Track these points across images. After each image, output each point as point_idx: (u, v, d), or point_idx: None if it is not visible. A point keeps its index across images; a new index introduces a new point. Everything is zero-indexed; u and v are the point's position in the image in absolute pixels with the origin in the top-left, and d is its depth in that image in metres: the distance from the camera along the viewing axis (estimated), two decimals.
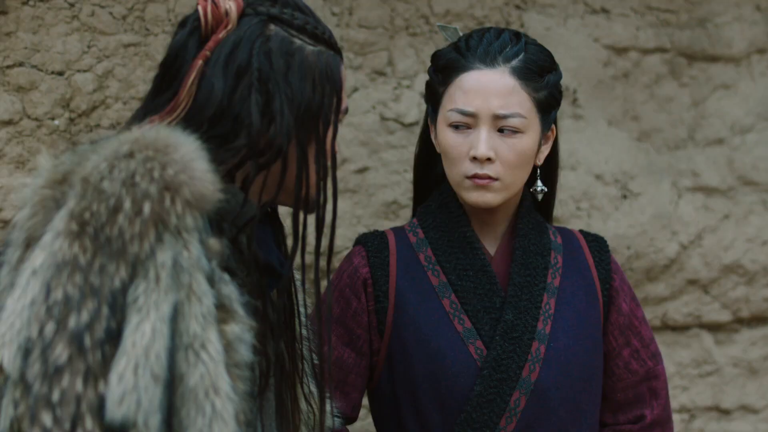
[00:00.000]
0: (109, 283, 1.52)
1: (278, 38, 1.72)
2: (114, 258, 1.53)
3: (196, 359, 1.53)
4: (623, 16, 3.08)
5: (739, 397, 3.27)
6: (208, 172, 1.58)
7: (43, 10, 2.56)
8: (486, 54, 2.20)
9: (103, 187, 1.54)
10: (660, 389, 2.34)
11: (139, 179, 1.54)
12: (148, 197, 1.54)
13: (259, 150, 1.69)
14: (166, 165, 1.56)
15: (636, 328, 2.33)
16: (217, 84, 1.68)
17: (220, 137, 1.68)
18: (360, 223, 2.86)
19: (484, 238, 2.28)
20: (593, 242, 2.36)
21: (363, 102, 2.86)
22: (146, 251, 1.53)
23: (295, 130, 1.71)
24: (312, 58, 1.74)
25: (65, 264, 1.53)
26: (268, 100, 1.69)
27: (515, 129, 2.18)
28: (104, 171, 1.55)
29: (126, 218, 1.53)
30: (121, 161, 1.56)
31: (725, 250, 3.19)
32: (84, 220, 1.54)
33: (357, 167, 2.86)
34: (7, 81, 2.55)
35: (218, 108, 1.68)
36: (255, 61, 1.69)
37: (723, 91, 3.19)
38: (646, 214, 3.10)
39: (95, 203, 1.54)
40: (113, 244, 1.53)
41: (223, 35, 1.71)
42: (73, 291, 1.52)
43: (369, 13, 2.86)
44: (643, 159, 3.11)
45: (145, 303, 1.52)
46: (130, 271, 1.53)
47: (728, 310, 3.24)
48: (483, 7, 2.94)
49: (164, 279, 1.53)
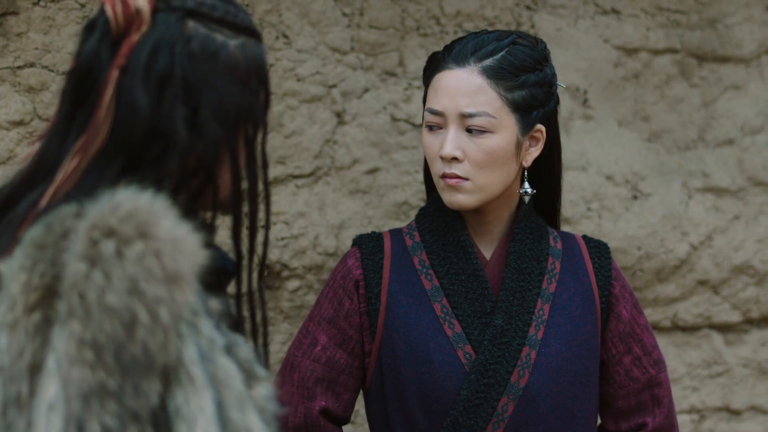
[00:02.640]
0: (147, 402, 1.39)
1: (200, 38, 1.55)
2: (145, 374, 1.39)
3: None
4: (634, 16, 3.08)
5: (749, 397, 3.27)
6: (191, 235, 1.44)
7: (54, 10, 2.56)
8: (459, 54, 2.19)
9: (109, 303, 1.38)
10: (663, 397, 2.33)
11: (145, 285, 1.39)
12: (160, 301, 1.39)
13: (190, 172, 1.55)
14: (160, 253, 1.40)
15: (638, 335, 2.32)
16: (139, 98, 1.51)
17: (154, 161, 1.53)
18: (371, 224, 2.86)
19: (481, 243, 2.28)
20: (594, 248, 2.34)
21: (374, 103, 2.86)
22: (174, 356, 1.41)
23: (226, 138, 1.57)
24: (237, 54, 1.58)
25: (93, 393, 1.38)
26: (195, 110, 1.53)
27: (482, 128, 2.16)
28: (101, 282, 1.38)
29: (147, 330, 1.39)
30: (114, 266, 1.39)
31: (735, 250, 3.19)
32: (100, 344, 1.38)
33: (368, 168, 2.86)
34: (18, 81, 2.55)
35: (145, 126, 1.51)
36: (178, 69, 1.53)
37: (733, 91, 3.18)
38: (656, 215, 3.10)
39: (107, 323, 1.38)
40: (140, 361, 1.39)
41: (137, 38, 1.53)
42: (111, 421, 1.38)
43: (380, 14, 2.86)
44: (654, 160, 3.11)
45: (189, 410, 1.41)
46: (164, 382, 1.41)
47: (738, 310, 3.24)
48: (494, 8, 2.93)
49: (198, 377, 1.42)
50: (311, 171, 2.82)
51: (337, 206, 2.84)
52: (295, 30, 2.79)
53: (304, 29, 2.79)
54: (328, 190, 2.83)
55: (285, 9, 2.77)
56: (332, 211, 2.84)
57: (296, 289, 2.83)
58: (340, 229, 2.84)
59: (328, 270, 2.84)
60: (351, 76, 2.84)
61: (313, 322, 2.28)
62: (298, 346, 2.28)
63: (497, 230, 2.28)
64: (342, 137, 2.84)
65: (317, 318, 2.28)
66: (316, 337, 2.27)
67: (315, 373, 2.25)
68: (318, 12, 2.80)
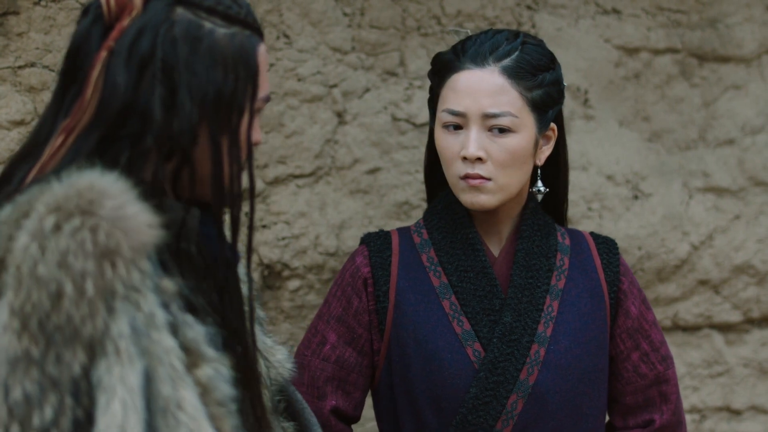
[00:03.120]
0: (68, 371, 1.44)
1: (184, 23, 1.60)
2: (68, 344, 1.44)
3: (176, 422, 1.48)
4: (634, 16, 3.08)
5: (749, 397, 3.27)
6: (141, 213, 1.48)
7: (55, 10, 2.56)
8: (477, 54, 2.19)
9: (39, 274, 1.44)
10: (670, 393, 2.33)
11: (73, 259, 1.43)
12: (87, 275, 1.44)
13: (165, 150, 1.58)
14: (97, 229, 1.45)
15: (646, 331, 2.32)
16: (119, 77, 1.56)
17: (131, 137, 1.57)
18: (372, 224, 2.86)
19: (489, 240, 2.28)
20: (602, 244, 2.35)
21: (374, 102, 2.86)
22: (100, 328, 1.45)
23: (206, 122, 1.60)
24: (224, 41, 1.62)
25: (18, 360, 1.43)
26: (173, 91, 1.57)
27: (506, 128, 2.17)
28: (36, 254, 1.44)
29: (71, 302, 1.43)
30: (50, 239, 1.44)
31: (736, 250, 3.19)
32: (26, 312, 1.44)
33: (368, 168, 2.86)
34: (18, 81, 2.55)
35: (123, 104, 1.56)
36: (159, 50, 1.57)
37: (734, 91, 3.18)
38: (657, 215, 3.10)
39: (34, 292, 1.44)
40: (65, 331, 1.43)
41: (127, 23, 1.59)
42: (31, 387, 1.43)
43: (380, 14, 2.86)
44: (654, 159, 3.11)
45: (110, 380, 1.44)
46: (89, 353, 1.44)
47: (739, 310, 3.24)
48: (494, 8, 2.93)
49: (125, 349, 1.45)
50: (312, 171, 2.82)
51: (338, 206, 2.84)
52: (296, 30, 2.79)
53: (305, 29, 2.79)
54: (328, 190, 2.83)
55: (286, 9, 2.77)
56: (333, 210, 2.84)
57: (297, 288, 2.83)
58: (340, 228, 2.84)
59: (328, 270, 2.84)
60: (352, 75, 2.84)
61: (322, 321, 2.28)
62: (308, 346, 2.28)
63: (506, 228, 2.28)
64: (343, 137, 2.84)
65: (326, 317, 2.27)
66: (326, 335, 2.26)
67: (325, 372, 2.25)
68: (319, 12, 2.80)
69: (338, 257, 2.83)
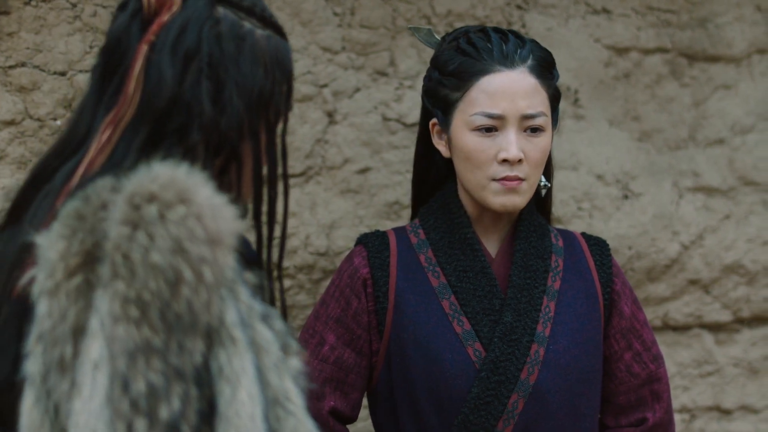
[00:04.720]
0: (191, 361, 1.40)
1: (228, 21, 1.61)
2: (189, 333, 1.40)
3: (285, 413, 1.48)
4: (624, 16, 3.08)
5: (739, 397, 3.27)
6: (228, 205, 1.46)
7: (45, 10, 2.56)
8: (503, 55, 2.20)
9: (153, 261, 1.39)
10: (662, 392, 2.34)
11: (189, 244, 1.40)
12: (204, 261, 1.41)
13: (213, 145, 1.58)
14: (201, 216, 1.42)
15: (638, 331, 2.33)
16: (165, 71, 1.55)
17: (177, 132, 1.56)
18: (362, 224, 2.86)
19: (486, 240, 2.28)
20: (594, 245, 2.35)
21: (365, 102, 2.86)
22: (216, 316, 1.42)
23: (249, 120, 1.61)
24: (262, 42, 1.63)
25: (138, 350, 1.38)
26: (219, 87, 1.58)
27: (539, 127, 2.19)
28: (145, 242, 1.40)
29: (191, 289, 1.40)
30: (157, 226, 1.40)
31: (726, 250, 3.20)
32: (145, 301, 1.39)
33: (359, 168, 2.86)
34: (9, 81, 2.54)
35: (170, 98, 1.56)
36: (205, 45, 1.58)
37: (724, 91, 3.19)
38: (647, 215, 3.10)
39: (151, 281, 1.39)
40: (185, 319, 1.40)
41: (167, 18, 1.59)
42: (156, 378, 1.38)
43: (371, 14, 2.86)
44: (644, 159, 3.11)
45: (232, 370, 1.42)
46: (206, 342, 1.42)
47: (729, 310, 3.24)
48: (485, 8, 2.94)
49: (240, 339, 1.44)
50: (302, 170, 2.82)
51: (328, 206, 2.84)
52: (287, 29, 2.78)
53: (295, 29, 2.79)
54: (319, 190, 2.83)
55: (276, 8, 2.77)
56: (323, 210, 2.84)
57: (287, 288, 2.83)
58: (331, 228, 2.84)
59: (319, 269, 2.84)
60: (342, 75, 2.84)
61: (320, 322, 2.27)
62: (305, 347, 2.27)
63: (503, 228, 2.28)
64: (333, 137, 2.84)
65: (324, 318, 2.27)
66: (324, 336, 2.26)
67: (323, 373, 2.25)
68: (309, 11, 2.80)
69: (328, 257, 2.83)
